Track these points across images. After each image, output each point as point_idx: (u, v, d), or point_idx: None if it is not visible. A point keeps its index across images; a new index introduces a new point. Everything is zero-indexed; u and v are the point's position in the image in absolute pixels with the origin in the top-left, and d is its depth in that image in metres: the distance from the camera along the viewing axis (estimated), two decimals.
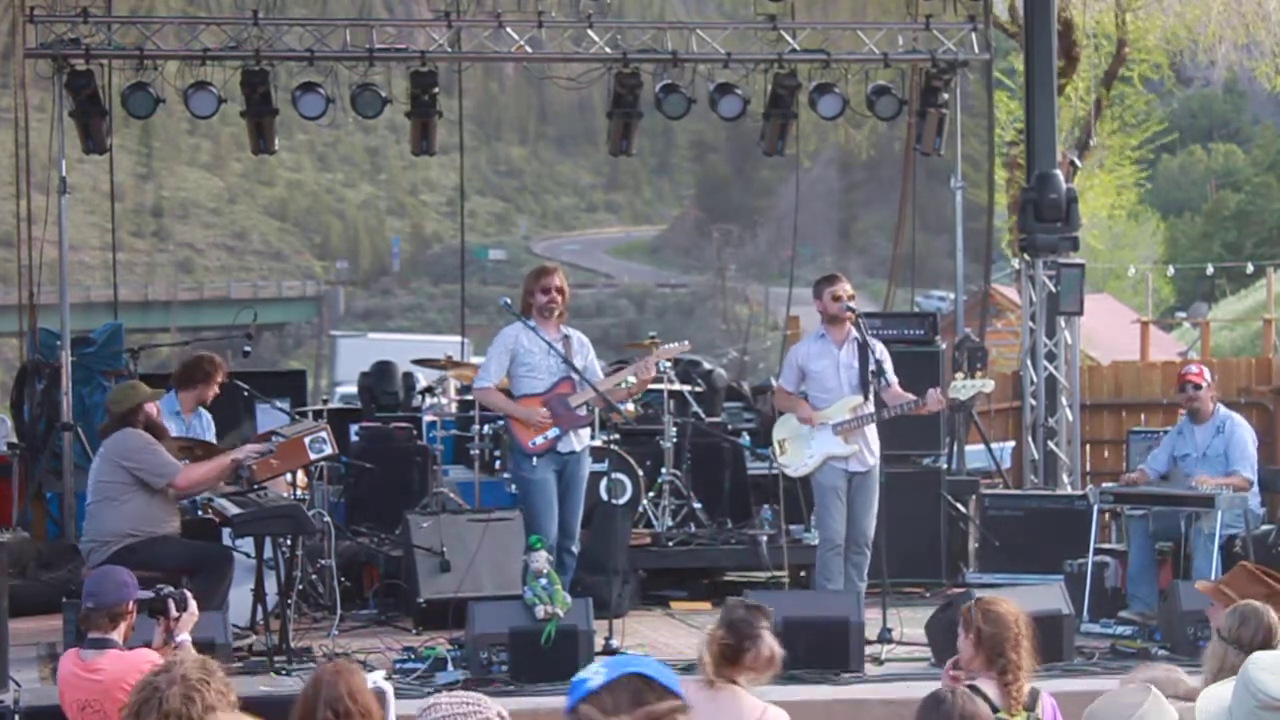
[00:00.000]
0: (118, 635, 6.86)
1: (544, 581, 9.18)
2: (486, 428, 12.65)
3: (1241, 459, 11.00)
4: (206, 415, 11.59)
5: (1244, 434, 11.11)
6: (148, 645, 6.99)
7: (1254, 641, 5.98)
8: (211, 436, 11.39)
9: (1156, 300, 37.87)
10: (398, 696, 5.73)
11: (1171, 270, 40.54)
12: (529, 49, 14.27)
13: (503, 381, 10.55)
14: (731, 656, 5.91)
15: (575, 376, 10.33)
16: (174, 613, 7.10)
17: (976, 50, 14.33)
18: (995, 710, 5.83)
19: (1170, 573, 11.10)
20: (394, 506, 12.30)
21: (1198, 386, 11.16)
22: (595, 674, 3.80)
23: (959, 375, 10.88)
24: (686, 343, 11.20)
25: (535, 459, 10.26)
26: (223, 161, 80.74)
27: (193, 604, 7.18)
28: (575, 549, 10.42)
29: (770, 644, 5.97)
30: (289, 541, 10.14)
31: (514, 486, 11.27)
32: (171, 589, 7.20)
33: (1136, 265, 40.61)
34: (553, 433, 10.26)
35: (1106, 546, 11.83)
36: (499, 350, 10.43)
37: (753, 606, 6.05)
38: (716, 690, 5.84)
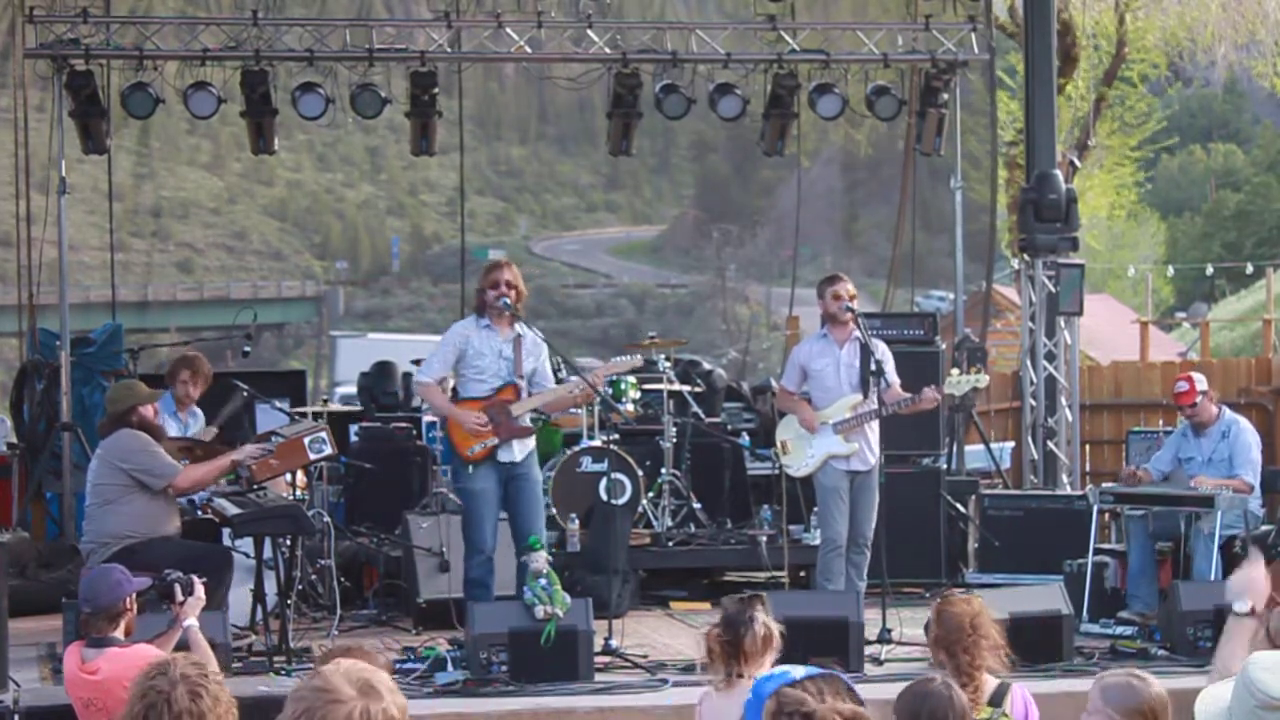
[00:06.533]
0: (119, 633, 6.91)
1: (544, 581, 9.16)
2: None
3: (1244, 463, 10.96)
4: (199, 412, 11.59)
5: (1248, 438, 11.06)
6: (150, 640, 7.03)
7: None
8: (200, 427, 11.38)
9: (1156, 300, 37.85)
10: None
11: (1171, 270, 40.56)
12: (529, 49, 14.28)
13: (448, 379, 10.22)
14: (732, 649, 6.00)
15: (520, 383, 9.94)
16: (179, 597, 7.13)
17: (976, 50, 14.34)
18: None
19: (1170, 573, 11.07)
20: (394, 506, 12.30)
21: (1193, 405, 11.13)
22: (794, 669, 3.94)
23: (954, 371, 10.89)
24: (639, 358, 10.77)
25: (472, 467, 9.91)
26: (222, 161, 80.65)
27: (199, 588, 7.26)
28: (540, 556, 9.32)
29: (763, 622, 6.06)
30: (289, 541, 10.14)
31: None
32: (179, 574, 7.25)
33: (1136, 265, 40.59)
34: (491, 441, 9.86)
35: (1106, 546, 11.81)
36: (447, 347, 10.02)
37: (745, 598, 6.14)
38: (734, 688, 5.87)
